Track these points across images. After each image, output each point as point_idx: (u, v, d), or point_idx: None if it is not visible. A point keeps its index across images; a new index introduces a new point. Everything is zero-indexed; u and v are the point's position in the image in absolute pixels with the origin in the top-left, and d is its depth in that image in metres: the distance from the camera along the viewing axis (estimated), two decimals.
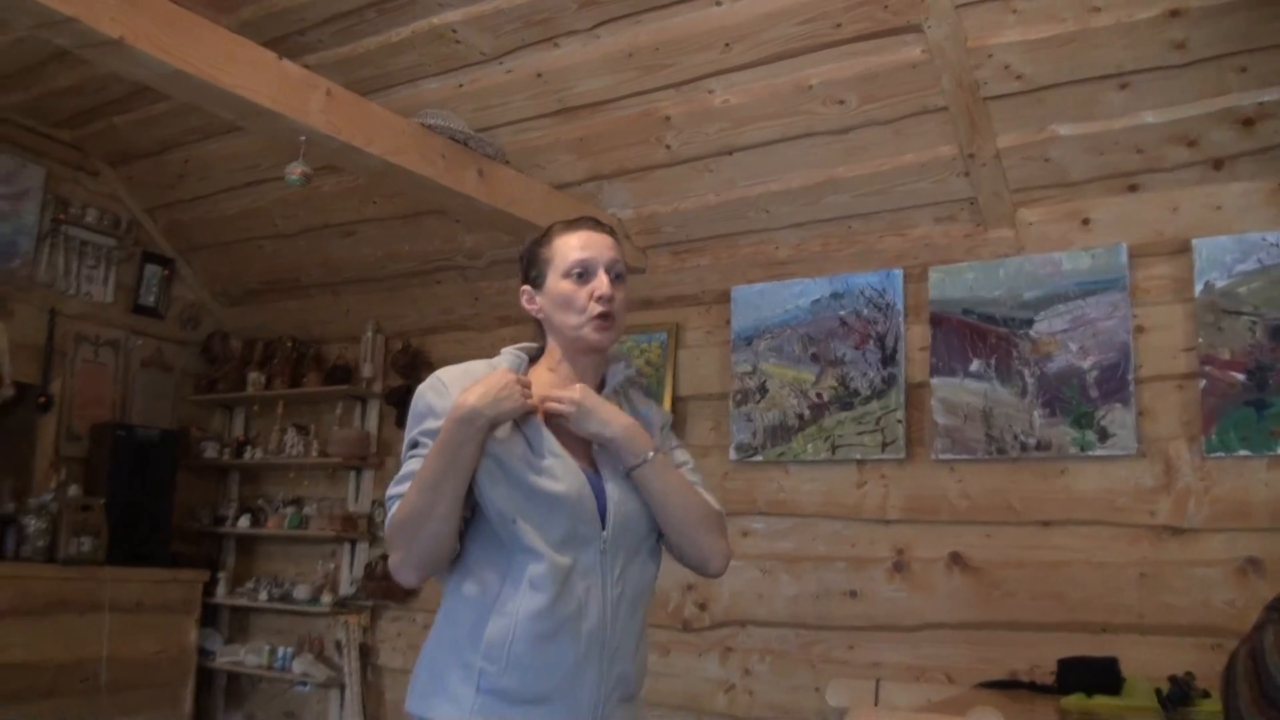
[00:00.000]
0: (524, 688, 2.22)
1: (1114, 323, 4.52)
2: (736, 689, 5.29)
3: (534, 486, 2.27)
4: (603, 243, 2.49)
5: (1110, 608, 4.42)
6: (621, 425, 2.37)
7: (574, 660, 2.24)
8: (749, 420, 5.40)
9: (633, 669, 2.35)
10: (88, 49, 3.62)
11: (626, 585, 2.34)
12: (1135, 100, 4.24)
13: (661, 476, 2.37)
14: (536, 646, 2.23)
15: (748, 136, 4.95)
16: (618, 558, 2.33)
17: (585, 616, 2.26)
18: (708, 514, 2.43)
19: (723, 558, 2.46)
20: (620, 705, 2.33)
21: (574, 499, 2.28)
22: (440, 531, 2.25)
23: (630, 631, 2.34)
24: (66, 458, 6.74)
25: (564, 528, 2.27)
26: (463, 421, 2.23)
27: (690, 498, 2.41)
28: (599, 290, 2.42)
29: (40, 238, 6.70)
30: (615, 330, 2.45)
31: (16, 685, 5.73)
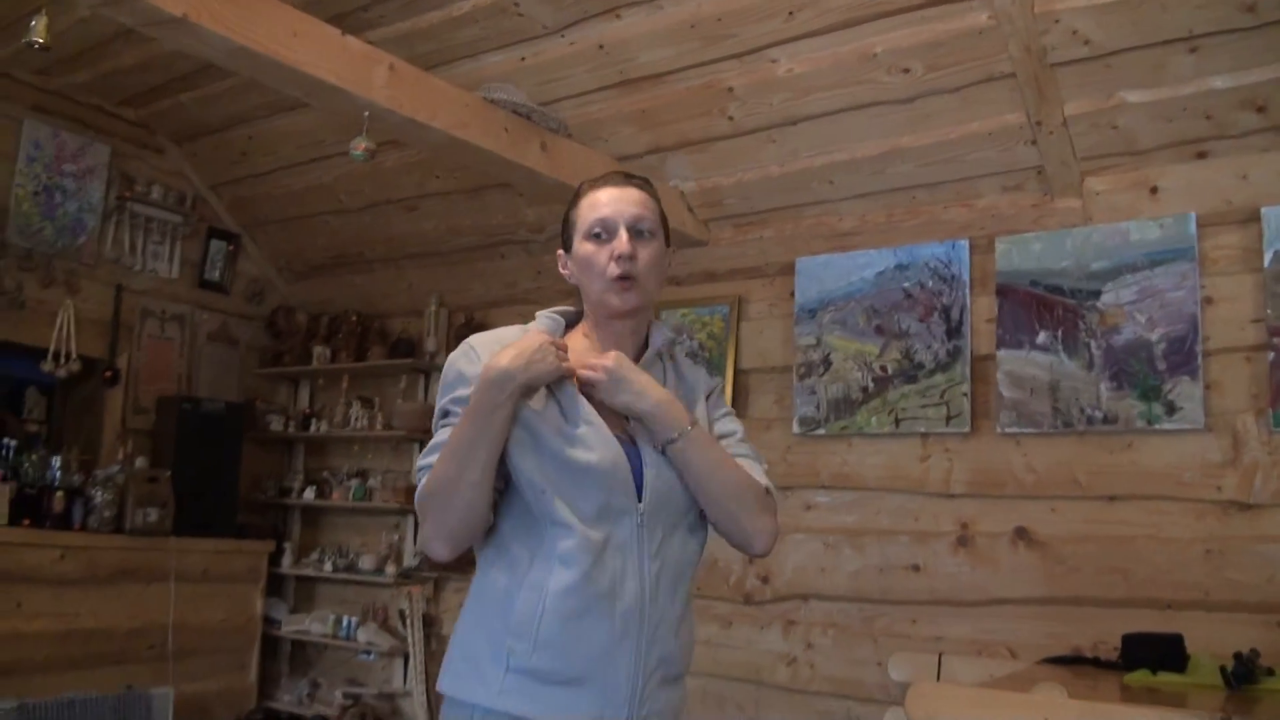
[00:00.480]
0: (555, 668, 2.11)
1: (1182, 294, 4.45)
2: (798, 662, 5.29)
3: (566, 457, 2.15)
4: (625, 198, 2.33)
5: (1175, 584, 4.37)
6: (655, 398, 2.22)
7: (608, 640, 2.11)
8: (812, 393, 5.38)
9: (676, 649, 2.21)
10: (152, 26, 3.64)
11: (666, 560, 2.20)
12: (1204, 64, 4.15)
13: (700, 452, 2.21)
14: (567, 625, 2.11)
15: (811, 106, 4.91)
16: (655, 531, 2.19)
17: (620, 594, 2.13)
18: (750, 491, 2.25)
19: (767, 537, 2.26)
20: (662, 687, 2.19)
21: (608, 470, 2.15)
22: (472, 501, 2.14)
23: (671, 609, 2.20)
24: (133, 430, 6.85)
25: (598, 500, 2.15)
26: (494, 385, 2.12)
27: (730, 474, 2.24)
28: (618, 250, 2.26)
29: (106, 215, 6.80)
30: (639, 292, 2.29)
31: (85, 652, 5.85)
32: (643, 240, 2.30)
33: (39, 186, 6.40)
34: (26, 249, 6.34)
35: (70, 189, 6.56)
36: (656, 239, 2.34)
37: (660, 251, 2.35)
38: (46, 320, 6.41)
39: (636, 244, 2.28)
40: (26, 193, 6.34)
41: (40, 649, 5.63)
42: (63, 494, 6.05)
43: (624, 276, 2.26)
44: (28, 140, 6.37)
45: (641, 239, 2.30)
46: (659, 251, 2.34)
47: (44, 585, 5.71)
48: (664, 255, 2.38)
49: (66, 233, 6.55)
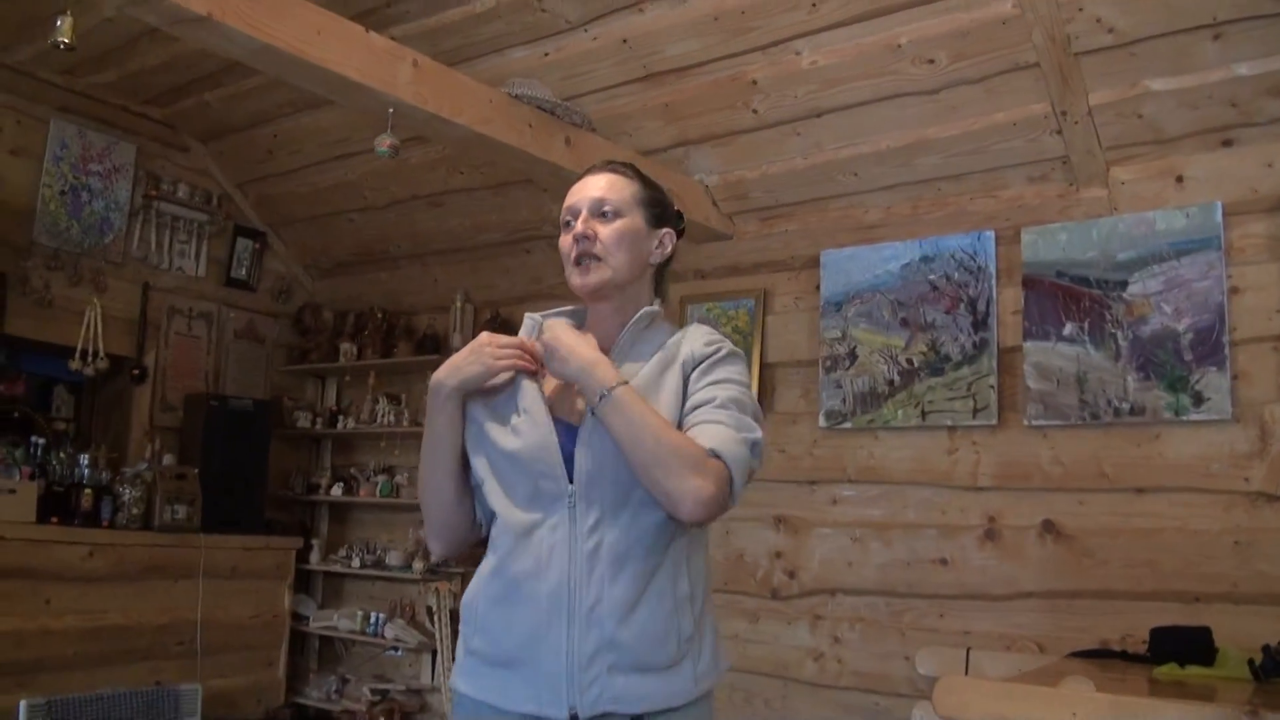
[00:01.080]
0: (491, 649, 2.19)
1: (1209, 283, 4.42)
2: (826, 657, 5.28)
3: (498, 445, 2.23)
4: (591, 184, 2.38)
5: (1203, 576, 4.34)
6: (581, 361, 2.17)
7: (533, 621, 2.12)
8: (838, 387, 5.37)
9: (627, 635, 2.11)
10: (177, 25, 3.67)
11: (604, 541, 2.13)
12: (1229, 51, 4.12)
13: (619, 413, 2.10)
14: (493, 607, 2.19)
15: (836, 98, 4.90)
16: (590, 512, 2.14)
17: (544, 575, 2.13)
18: (675, 452, 2.06)
19: (693, 502, 2.04)
20: (616, 676, 2.10)
21: (533, 454, 2.18)
22: (438, 502, 2.30)
23: (613, 591, 2.12)
24: (161, 428, 6.89)
25: (527, 485, 2.19)
26: (432, 394, 2.29)
27: (649, 434, 2.08)
28: (575, 230, 2.32)
29: (132, 214, 6.83)
30: (601, 272, 2.31)
31: (115, 648, 5.89)
32: (604, 220, 2.33)
33: (66, 186, 6.43)
34: (54, 248, 6.38)
35: (97, 188, 6.60)
36: (625, 217, 2.34)
37: (630, 229, 2.34)
38: (74, 319, 6.45)
39: (596, 223, 2.32)
40: (53, 192, 6.38)
41: (69, 646, 5.67)
42: (91, 491, 6.08)
43: (581, 256, 2.31)
44: (54, 140, 6.41)
45: (603, 219, 2.33)
46: (626, 229, 2.34)
47: (72, 582, 5.75)
48: (638, 233, 2.36)
49: (93, 232, 6.58)
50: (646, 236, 2.38)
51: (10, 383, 6.29)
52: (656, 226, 2.41)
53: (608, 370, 2.16)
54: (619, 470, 2.14)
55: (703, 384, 2.25)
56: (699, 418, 2.19)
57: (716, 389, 2.23)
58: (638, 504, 2.16)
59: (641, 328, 2.35)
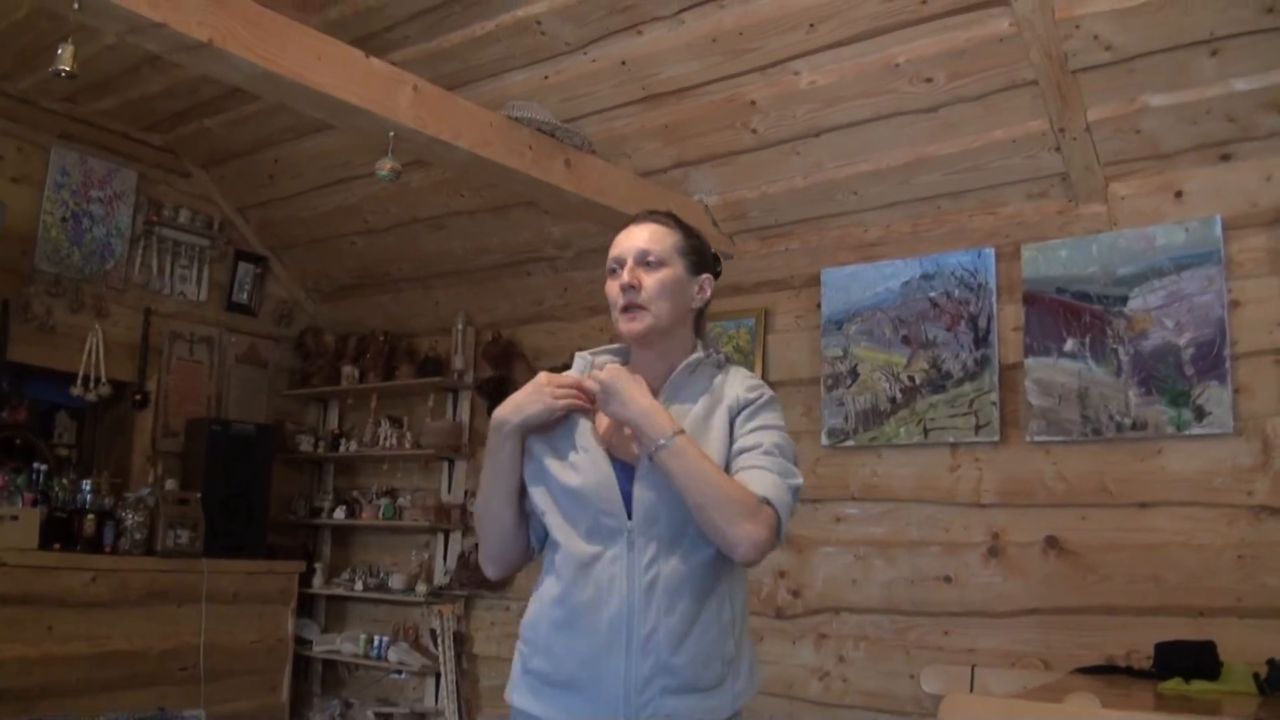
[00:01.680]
0: (550, 670, 2.34)
1: (1209, 297, 4.43)
2: (831, 676, 5.27)
3: (559, 481, 2.38)
4: (636, 234, 2.50)
5: (1208, 590, 4.34)
6: (640, 408, 2.32)
7: (593, 647, 2.28)
8: (840, 405, 5.37)
9: (680, 660, 2.27)
10: (177, 53, 3.69)
11: (661, 574, 2.29)
12: (1226, 67, 4.13)
13: (677, 460, 2.25)
14: (555, 632, 2.34)
15: (835, 117, 4.91)
16: (648, 547, 2.30)
17: (605, 604, 2.28)
18: (731, 500, 2.23)
19: (748, 546, 2.22)
20: (667, 696, 2.27)
21: (591, 491, 2.34)
22: (497, 530, 2.47)
23: (668, 621, 2.27)
24: (163, 453, 6.90)
25: (588, 519, 2.34)
26: (494, 430, 2.43)
27: (709, 481, 2.24)
28: (621, 280, 2.44)
29: (134, 240, 6.86)
30: (644, 320, 2.43)
31: (118, 674, 5.87)
32: (649, 269, 2.45)
33: (67, 213, 6.45)
34: (55, 275, 6.39)
35: (98, 214, 6.62)
36: (668, 266, 2.47)
37: (673, 278, 2.47)
38: (76, 345, 6.46)
39: (641, 273, 2.44)
40: (55, 219, 6.40)
41: (73, 672, 5.65)
42: (93, 517, 6.07)
43: (628, 306, 2.43)
44: (55, 167, 6.43)
45: (648, 268, 2.45)
46: (670, 278, 2.46)
47: (76, 608, 5.73)
48: (680, 281, 2.49)
49: (95, 258, 6.60)
50: (687, 284, 2.51)
51: (13, 409, 6.30)
52: (696, 273, 2.54)
53: (665, 418, 2.31)
54: (674, 509, 2.30)
55: (748, 429, 2.42)
56: (747, 462, 2.35)
57: (762, 435, 2.40)
58: (691, 540, 2.32)
59: (688, 373, 2.49)
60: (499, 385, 6.72)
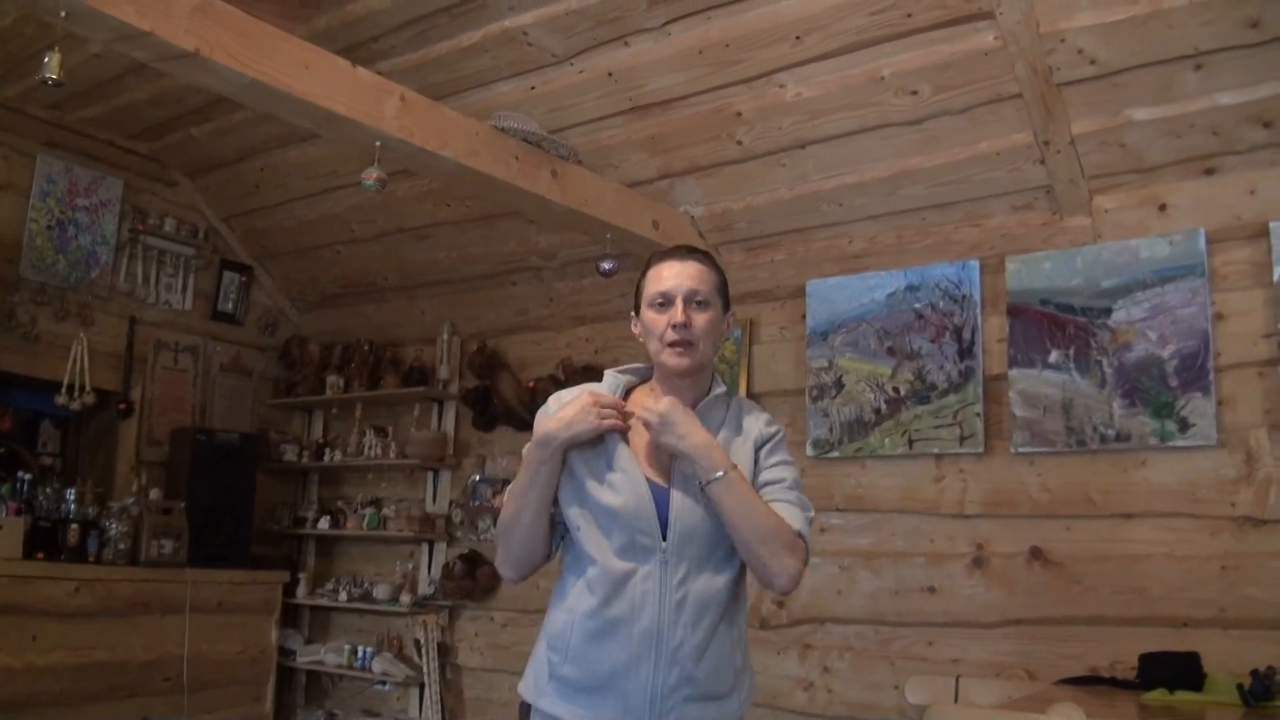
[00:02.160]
0: (580, 678, 2.47)
1: (1193, 310, 4.45)
2: (815, 686, 5.27)
3: (598, 500, 2.51)
4: (685, 272, 2.62)
5: (1191, 602, 4.36)
6: (696, 441, 2.46)
7: (625, 658, 2.43)
8: (825, 416, 5.38)
9: (701, 672, 2.45)
10: (165, 62, 3.70)
11: (690, 593, 2.46)
12: (1210, 81, 4.16)
13: (732, 494, 2.43)
14: (588, 642, 2.47)
15: (820, 130, 4.93)
16: (680, 567, 2.46)
17: (638, 618, 2.43)
18: (777, 534, 2.45)
19: (787, 577, 2.47)
20: (689, 705, 2.44)
21: (630, 511, 2.47)
22: (526, 538, 2.57)
23: (693, 637, 2.44)
24: (147, 462, 6.87)
25: (623, 537, 2.48)
26: (540, 444, 2.52)
27: (759, 517, 2.45)
28: (674, 319, 2.56)
29: (119, 248, 6.84)
30: (693, 355, 2.57)
31: (101, 684, 5.85)
32: (697, 309, 2.59)
33: (52, 220, 6.43)
34: (40, 283, 6.37)
35: (84, 223, 6.60)
36: (712, 307, 2.62)
37: (715, 318, 2.64)
38: (60, 353, 6.43)
39: (691, 313, 2.58)
40: (40, 227, 6.38)
41: (56, 682, 5.63)
42: (77, 526, 6.05)
43: (678, 342, 2.56)
44: (41, 175, 6.41)
45: (697, 308, 2.59)
46: (714, 318, 2.63)
47: (59, 618, 5.70)
48: (720, 320, 2.66)
49: (80, 266, 6.58)
50: (721, 321, 2.68)
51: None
52: (726, 310, 2.72)
53: (721, 454, 2.47)
54: (706, 533, 2.48)
55: (771, 462, 2.62)
56: (774, 495, 2.55)
57: (783, 470, 2.62)
58: (717, 563, 2.52)
59: (713, 403, 2.65)
60: (484, 395, 6.72)
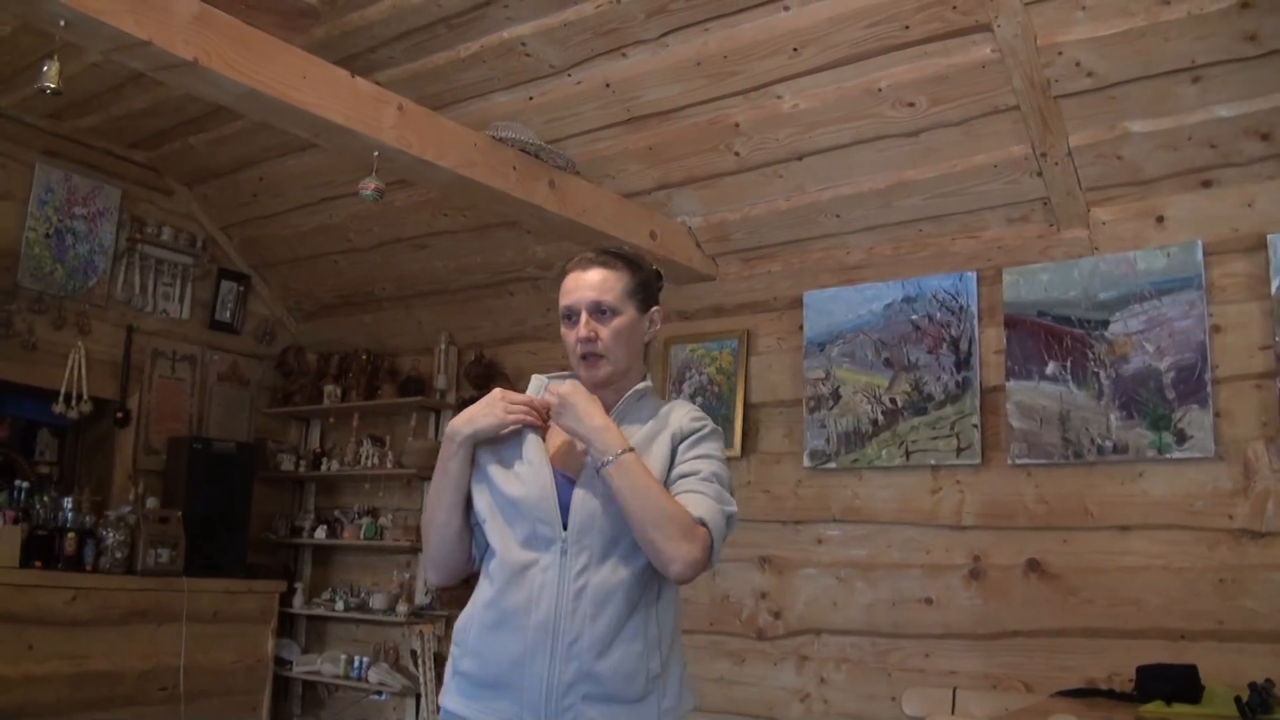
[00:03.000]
0: (478, 671, 2.41)
1: (1190, 322, 4.46)
2: (812, 698, 5.27)
3: (501, 490, 2.47)
4: (585, 283, 2.55)
5: (1189, 614, 4.35)
6: (593, 424, 2.41)
7: (519, 650, 2.36)
8: (822, 427, 5.38)
9: (603, 669, 2.35)
10: (163, 71, 3.71)
11: (590, 583, 2.38)
12: (1208, 94, 4.17)
13: (625, 476, 2.35)
14: (485, 634, 2.41)
15: (817, 141, 4.94)
16: (580, 556, 2.39)
17: (534, 609, 2.36)
18: (671, 519, 2.33)
19: (683, 564, 2.32)
20: (589, 704, 2.34)
21: (533, 502, 2.42)
22: (443, 536, 2.53)
23: (593, 629, 2.35)
24: (144, 471, 6.87)
25: (526, 528, 2.42)
26: (446, 440, 2.52)
27: (651, 500, 2.34)
28: (579, 333, 2.52)
29: (117, 257, 6.84)
30: (604, 366, 2.53)
31: (97, 693, 5.85)
32: (603, 319, 2.53)
33: (50, 229, 6.44)
34: (38, 291, 6.37)
35: (81, 231, 6.60)
36: (621, 314, 2.55)
37: (626, 325, 2.55)
38: (58, 362, 6.43)
39: (596, 324, 2.52)
40: (38, 235, 6.38)
41: (52, 691, 5.63)
42: (74, 535, 6.05)
43: (586, 354, 2.53)
44: (39, 184, 6.41)
45: (602, 318, 2.53)
46: (623, 325, 2.55)
47: (56, 627, 5.71)
48: (633, 324, 2.58)
49: (78, 275, 6.58)
50: (639, 323, 2.59)
51: None
52: (646, 310, 2.62)
53: (616, 436, 2.40)
54: (607, 522, 2.40)
55: (689, 456, 2.52)
56: (686, 486, 2.44)
57: (701, 463, 2.50)
58: (621, 554, 2.41)
59: (635, 399, 2.60)
60: None
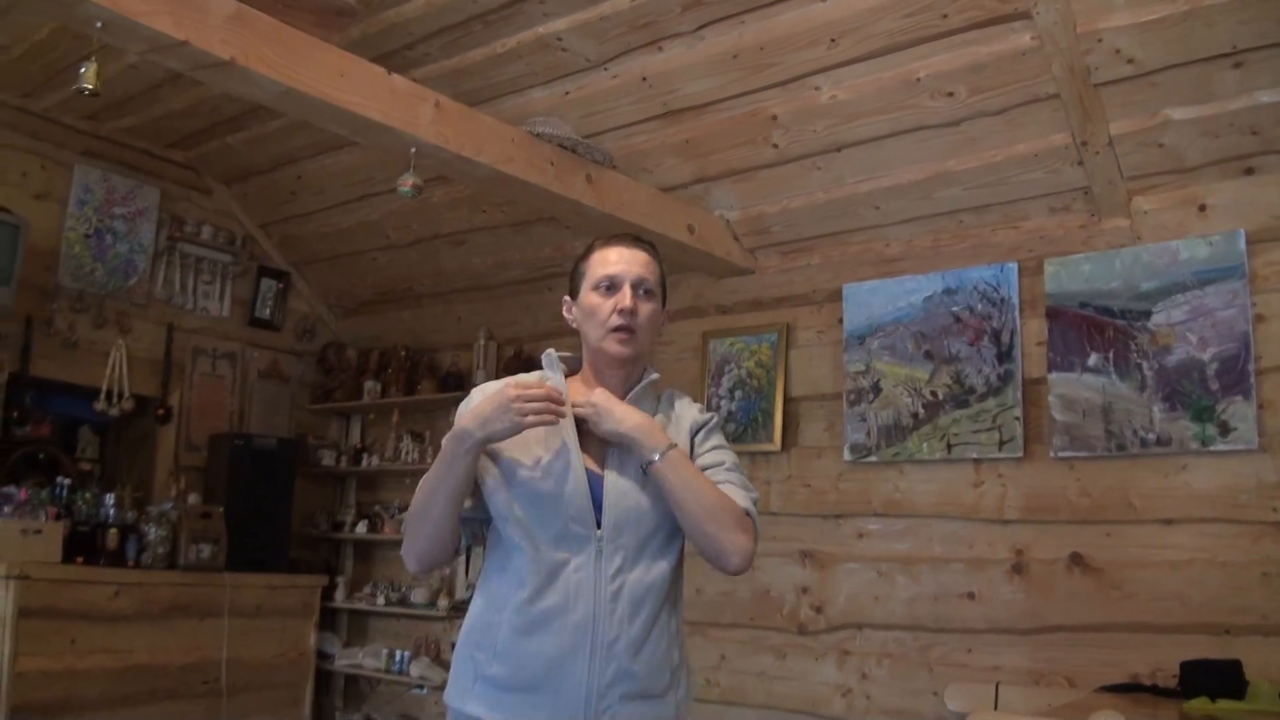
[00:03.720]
0: (510, 676, 2.36)
1: (1233, 312, 4.40)
2: (854, 693, 5.24)
3: (531, 488, 2.41)
4: (634, 259, 2.57)
5: (1233, 608, 4.30)
6: (635, 423, 2.42)
7: (557, 652, 2.33)
8: (863, 420, 5.35)
9: (639, 667, 2.36)
10: (200, 71, 3.73)
11: (626, 583, 2.38)
12: (1249, 79, 4.11)
13: (675, 471, 2.38)
14: (518, 637, 2.36)
15: (856, 132, 4.91)
16: (615, 556, 2.38)
17: (572, 610, 2.34)
18: (726, 510, 2.39)
19: (740, 555, 2.38)
20: (626, 703, 2.35)
21: (565, 499, 2.38)
22: (433, 532, 2.45)
23: (630, 629, 2.36)
24: (186, 467, 6.91)
25: (557, 526, 2.38)
26: (455, 439, 2.39)
27: (704, 492, 2.39)
28: (621, 304, 2.50)
29: (156, 256, 6.89)
30: (635, 344, 2.53)
31: (140, 688, 5.88)
32: (645, 299, 2.55)
33: (90, 229, 6.49)
34: (78, 290, 6.42)
35: (121, 231, 6.65)
36: (655, 299, 2.59)
37: (657, 311, 2.60)
38: (99, 360, 6.49)
39: (638, 301, 2.53)
40: (78, 235, 6.43)
41: (95, 685, 5.66)
42: (116, 531, 6.09)
43: (623, 328, 2.51)
44: (78, 184, 6.47)
45: (644, 297, 2.55)
46: (655, 311, 2.59)
47: (98, 622, 5.74)
48: (659, 315, 2.63)
49: (118, 274, 6.63)
50: (660, 316, 2.64)
51: (36, 424, 6.31)
52: (664, 306, 2.67)
53: (660, 433, 2.43)
54: (641, 521, 2.42)
55: (707, 446, 2.58)
56: (717, 477, 2.49)
57: (721, 454, 2.57)
58: (653, 553, 2.44)
59: (647, 390, 2.61)
60: None
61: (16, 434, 6.17)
